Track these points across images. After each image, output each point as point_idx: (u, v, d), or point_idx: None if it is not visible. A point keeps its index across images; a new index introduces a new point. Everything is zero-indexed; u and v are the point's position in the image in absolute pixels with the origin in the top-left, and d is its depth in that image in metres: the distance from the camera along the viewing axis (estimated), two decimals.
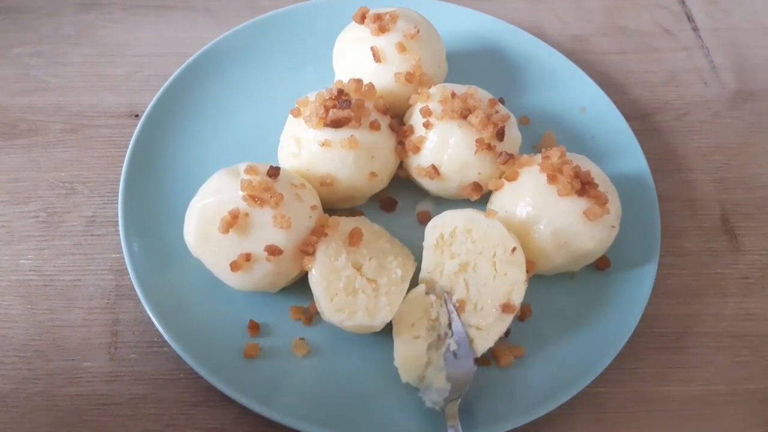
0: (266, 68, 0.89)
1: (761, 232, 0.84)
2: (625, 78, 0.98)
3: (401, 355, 0.65)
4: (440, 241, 0.69)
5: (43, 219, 0.78)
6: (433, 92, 0.77)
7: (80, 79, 0.90)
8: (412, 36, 0.79)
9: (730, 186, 0.88)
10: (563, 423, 0.69)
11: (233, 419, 0.67)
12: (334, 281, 0.66)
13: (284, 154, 0.76)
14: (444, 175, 0.75)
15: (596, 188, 0.70)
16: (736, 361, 0.74)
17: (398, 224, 0.75)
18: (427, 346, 0.66)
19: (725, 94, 0.97)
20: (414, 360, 0.65)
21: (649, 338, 0.74)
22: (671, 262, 0.80)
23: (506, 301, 0.67)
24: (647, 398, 0.71)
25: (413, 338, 0.66)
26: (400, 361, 0.65)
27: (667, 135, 0.92)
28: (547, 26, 1.03)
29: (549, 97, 0.90)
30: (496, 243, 0.68)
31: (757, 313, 0.78)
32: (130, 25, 0.97)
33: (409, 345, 0.66)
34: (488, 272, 0.68)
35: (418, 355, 0.66)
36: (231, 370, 0.66)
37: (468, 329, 0.67)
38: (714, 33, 1.04)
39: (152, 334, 0.70)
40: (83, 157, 0.83)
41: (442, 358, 0.66)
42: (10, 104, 0.87)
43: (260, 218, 0.66)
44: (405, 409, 0.66)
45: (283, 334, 0.70)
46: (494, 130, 0.73)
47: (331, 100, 0.72)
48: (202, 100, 0.85)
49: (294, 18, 0.92)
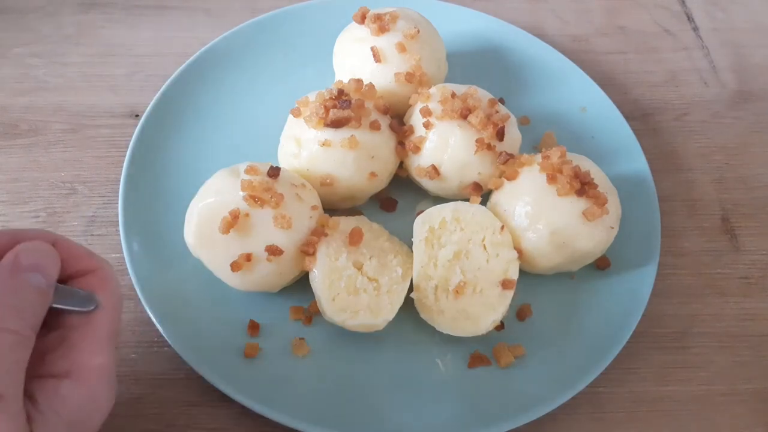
0: (266, 68, 0.89)
1: (761, 232, 0.84)
2: (625, 78, 0.98)
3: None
4: (430, 234, 0.70)
5: (44, 219, 0.78)
6: (433, 92, 0.77)
7: (80, 79, 0.90)
8: (412, 36, 0.79)
9: (730, 186, 0.88)
10: (563, 423, 0.69)
11: (233, 419, 0.67)
12: (336, 281, 0.66)
13: (284, 154, 0.76)
14: (444, 175, 0.75)
15: (596, 188, 0.70)
16: (737, 361, 0.74)
17: (398, 224, 0.75)
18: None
19: (725, 94, 0.97)
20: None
21: (649, 338, 0.74)
22: (671, 262, 0.80)
23: (504, 278, 0.68)
24: (647, 398, 0.71)
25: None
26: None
27: (667, 135, 0.92)
28: (547, 26, 1.03)
29: (549, 97, 0.90)
30: (485, 226, 0.70)
31: (757, 313, 0.78)
32: (130, 25, 0.97)
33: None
34: (481, 256, 0.69)
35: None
36: (231, 370, 0.66)
37: (476, 307, 0.68)
38: (714, 33, 1.04)
39: (152, 334, 0.70)
40: (83, 157, 0.83)
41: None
42: (10, 104, 0.87)
43: (261, 218, 0.66)
44: (405, 409, 0.66)
45: (283, 334, 0.70)
46: (494, 130, 0.74)
47: (331, 100, 0.72)
48: (202, 100, 0.85)
49: (294, 18, 0.92)
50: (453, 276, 0.68)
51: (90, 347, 0.50)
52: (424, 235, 0.70)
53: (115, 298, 0.53)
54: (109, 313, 0.52)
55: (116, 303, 0.53)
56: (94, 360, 0.50)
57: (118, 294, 0.54)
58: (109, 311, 0.52)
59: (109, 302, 0.52)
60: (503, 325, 0.71)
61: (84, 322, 0.51)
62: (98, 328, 0.51)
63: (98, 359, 0.50)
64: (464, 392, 0.68)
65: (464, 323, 0.68)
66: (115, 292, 0.53)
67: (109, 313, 0.52)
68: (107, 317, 0.52)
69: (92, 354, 0.50)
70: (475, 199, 0.74)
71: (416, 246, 0.70)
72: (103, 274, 0.53)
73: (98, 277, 0.53)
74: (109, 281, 0.53)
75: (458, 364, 0.69)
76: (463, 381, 0.68)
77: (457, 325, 0.68)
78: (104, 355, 0.50)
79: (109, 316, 0.52)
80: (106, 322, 0.51)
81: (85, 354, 0.50)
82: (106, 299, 0.52)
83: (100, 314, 0.51)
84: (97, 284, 0.52)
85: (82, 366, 0.49)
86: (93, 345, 0.50)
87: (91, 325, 0.51)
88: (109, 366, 0.50)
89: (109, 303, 0.52)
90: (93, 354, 0.50)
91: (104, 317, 0.51)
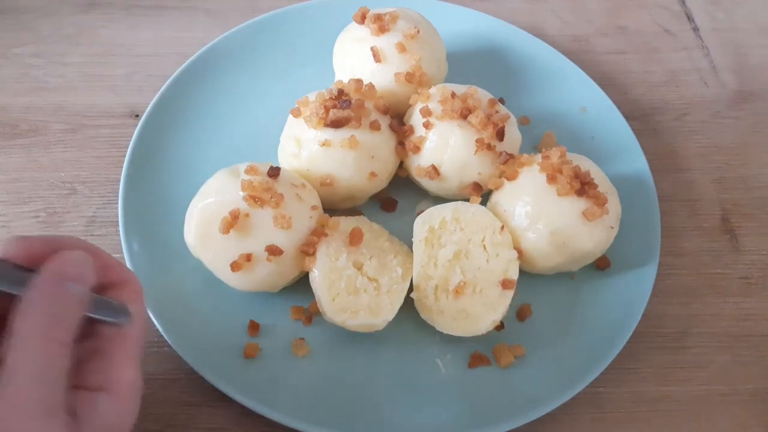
0: (266, 68, 0.89)
1: (761, 232, 0.84)
2: (625, 78, 0.98)
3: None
4: (430, 234, 0.70)
5: (44, 219, 0.78)
6: (433, 92, 0.77)
7: (80, 79, 0.90)
8: (412, 36, 0.79)
9: (730, 186, 0.88)
10: (563, 423, 0.69)
11: (233, 419, 0.67)
12: (336, 281, 0.66)
13: (284, 154, 0.76)
14: (444, 175, 0.75)
15: (595, 188, 0.70)
16: (736, 361, 0.74)
17: (398, 224, 0.75)
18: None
19: (725, 94, 0.97)
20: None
21: (649, 338, 0.74)
22: (671, 262, 0.80)
23: (504, 278, 0.68)
24: (647, 398, 0.71)
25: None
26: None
27: (667, 135, 0.92)
28: (547, 26, 1.03)
29: (549, 97, 0.90)
30: (485, 226, 0.70)
31: (757, 313, 0.78)
32: (130, 25, 0.97)
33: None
34: (481, 256, 0.69)
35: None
36: (231, 370, 0.66)
37: (476, 307, 0.68)
38: (714, 33, 1.04)
39: (152, 334, 0.69)
40: (83, 157, 0.83)
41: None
42: (10, 104, 0.87)
43: (261, 218, 0.66)
44: (405, 409, 0.66)
45: (283, 334, 0.70)
46: (494, 130, 0.74)
47: (331, 100, 0.72)
48: (202, 100, 0.85)
49: (294, 18, 0.92)
50: (453, 276, 0.68)
51: (124, 361, 0.50)
52: (424, 235, 0.70)
53: (144, 311, 0.54)
54: (139, 326, 0.52)
55: (145, 316, 0.55)
56: (126, 374, 0.50)
57: (145, 308, 0.55)
58: (139, 324, 0.52)
59: (140, 316, 0.53)
60: (503, 325, 0.71)
61: (118, 335, 0.50)
62: (130, 342, 0.51)
63: (130, 373, 0.50)
64: (464, 392, 0.68)
65: (464, 323, 0.68)
66: (144, 306, 0.54)
67: (139, 326, 0.52)
68: (137, 331, 0.52)
69: (125, 368, 0.50)
70: (475, 199, 0.74)
71: (416, 246, 0.70)
72: (134, 287, 0.53)
73: (130, 290, 0.53)
74: (140, 294, 0.53)
75: (458, 364, 0.69)
76: (463, 381, 0.68)
77: (457, 325, 0.68)
78: (135, 369, 0.51)
79: (139, 330, 0.52)
80: (136, 336, 0.52)
81: (119, 368, 0.50)
82: (136, 313, 0.52)
83: (132, 327, 0.51)
84: (129, 297, 0.52)
85: (117, 380, 0.49)
86: (126, 359, 0.50)
87: (124, 338, 0.51)
88: (137, 379, 0.51)
89: (140, 316, 0.52)
90: (126, 368, 0.50)
91: (135, 331, 0.52)
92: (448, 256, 0.69)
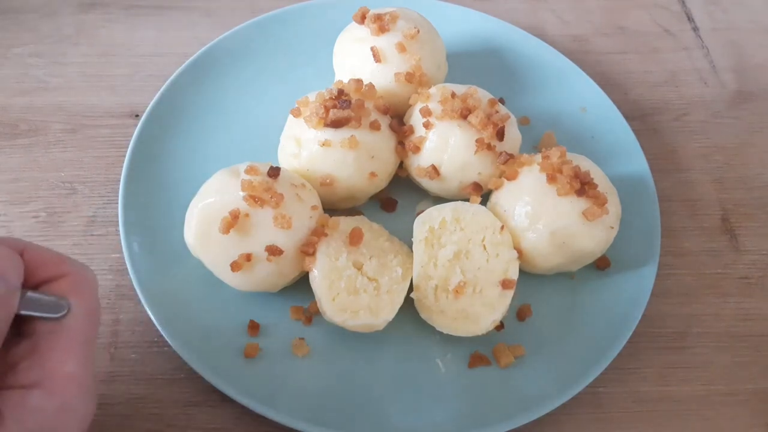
0: (266, 68, 0.89)
1: (761, 232, 0.84)
2: (625, 78, 0.98)
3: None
4: (430, 234, 0.70)
5: (44, 219, 0.78)
6: (433, 92, 0.77)
7: (80, 79, 0.90)
8: (412, 36, 0.79)
9: (730, 186, 0.88)
10: (563, 423, 0.69)
11: (233, 419, 0.67)
12: (336, 281, 0.66)
13: (284, 154, 0.76)
14: (444, 175, 0.75)
15: (595, 188, 0.70)
16: (736, 361, 0.74)
17: (398, 224, 0.75)
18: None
19: (725, 94, 0.97)
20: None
21: (649, 338, 0.74)
22: (671, 262, 0.80)
23: (504, 277, 0.68)
24: (647, 398, 0.71)
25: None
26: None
27: (667, 135, 0.92)
28: (547, 26, 1.03)
29: (549, 97, 0.90)
30: (485, 226, 0.70)
31: (757, 313, 0.78)
32: (130, 25, 0.97)
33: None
34: (481, 256, 0.69)
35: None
36: (231, 370, 0.66)
37: (476, 307, 0.68)
38: (714, 33, 1.04)
39: (152, 334, 0.70)
40: (83, 157, 0.83)
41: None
42: (10, 104, 0.87)
43: (261, 218, 0.66)
44: (405, 408, 0.66)
45: (283, 334, 0.70)
46: (494, 130, 0.74)
47: (331, 100, 0.72)
48: (202, 100, 0.85)
49: (294, 18, 0.92)
50: (453, 276, 0.68)
51: (60, 354, 0.47)
52: (424, 235, 0.70)
53: (91, 302, 0.49)
54: (83, 318, 0.48)
55: (91, 308, 0.49)
56: (64, 367, 0.46)
57: (94, 299, 0.50)
58: (82, 316, 0.48)
59: (83, 307, 0.48)
60: (503, 325, 0.71)
61: (54, 329, 0.47)
62: (70, 334, 0.47)
63: (69, 366, 0.46)
64: (464, 392, 0.68)
65: (464, 323, 0.68)
66: (91, 297, 0.50)
67: (82, 318, 0.48)
68: (80, 322, 0.48)
69: (63, 361, 0.46)
70: (475, 199, 0.74)
71: (416, 246, 0.70)
72: (76, 279, 0.49)
73: (70, 282, 0.49)
74: (83, 285, 0.49)
75: (458, 364, 0.69)
76: (463, 381, 0.68)
77: (457, 325, 0.68)
78: (76, 362, 0.47)
79: (82, 322, 0.48)
80: (79, 328, 0.48)
81: (54, 362, 0.46)
82: (79, 304, 0.48)
83: (72, 320, 0.48)
84: (68, 289, 0.48)
85: (52, 374, 0.46)
86: (64, 352, 0.47)
87: (63, 331, 0.47)
88: (82, 373, 0.47)
89: (83, 308, 0.48)
90: (64, 361, 0.46)
91: (77, 323, 0.48)
92: (448, 256, 0.69)
